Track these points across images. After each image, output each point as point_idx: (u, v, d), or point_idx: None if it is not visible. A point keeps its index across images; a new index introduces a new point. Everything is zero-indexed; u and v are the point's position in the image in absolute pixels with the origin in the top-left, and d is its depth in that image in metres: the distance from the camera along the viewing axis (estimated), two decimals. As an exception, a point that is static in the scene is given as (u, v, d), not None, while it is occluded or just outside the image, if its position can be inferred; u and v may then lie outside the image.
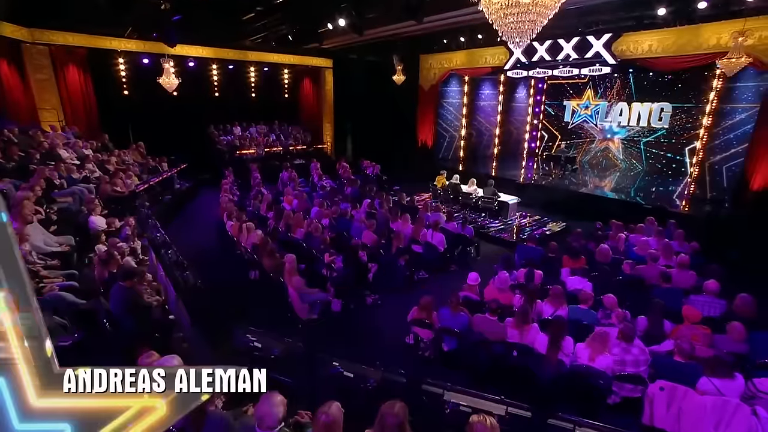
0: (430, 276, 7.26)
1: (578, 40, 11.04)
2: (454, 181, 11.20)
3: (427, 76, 15.64)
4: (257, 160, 14.30)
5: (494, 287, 5.30)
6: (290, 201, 9.49)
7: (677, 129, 13.38)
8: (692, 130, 13.03)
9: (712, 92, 12.20)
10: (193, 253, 8.06)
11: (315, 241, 6.94)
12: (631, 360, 3.92)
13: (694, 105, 12.94)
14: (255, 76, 16.06)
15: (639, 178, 13.41)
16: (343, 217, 8.19)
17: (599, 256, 6.19)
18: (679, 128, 13.35)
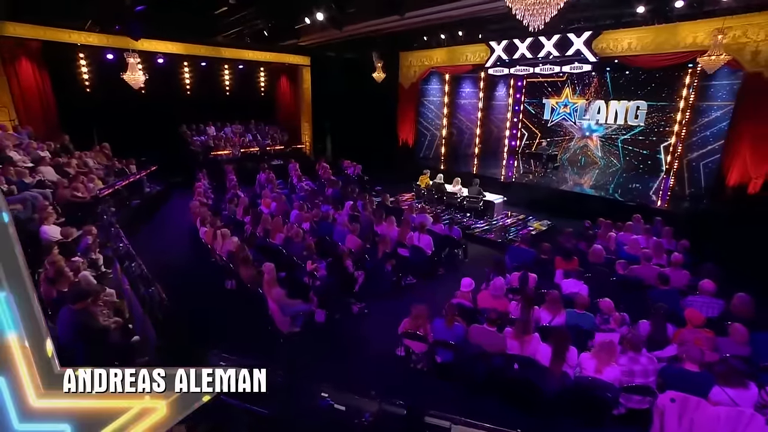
0: (417, 281, 6.90)
1: (559, 37, 10.92)
2: (438, 181, 10.89)
3: (407, 74, 15.30)
4: (233, 161, 13.63)
5: (489, 294, 4.98)
6: (268, 204, 8.96)
7: (653, 127, 13.54)
8: (666, 128, 13.23)
9: (685, 89, 12.42)
10: (164, 263, 7.47)
11: (296, 247, 6.47)
12: (640, 370, 3.66)
13: (668, 103, 13.14)
14: (229, 74, 15.37)
15: (617, 175, 13.47)
16: (324, 220, 7.75)
17: (592, 256, 5.97)
18: (654, 126, 13.51)
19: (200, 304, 6.14)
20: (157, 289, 4.65)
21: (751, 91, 8.82)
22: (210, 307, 6.03)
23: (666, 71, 12.50)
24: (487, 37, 12.33)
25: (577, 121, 15.25)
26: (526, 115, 16.92)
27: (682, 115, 12.59)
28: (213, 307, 6.04)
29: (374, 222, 7.87)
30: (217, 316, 5.87)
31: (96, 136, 11.09)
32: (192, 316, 5.86)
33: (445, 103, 15.88)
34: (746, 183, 9.10)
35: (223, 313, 5.94)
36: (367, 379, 5.01)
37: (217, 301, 6.26)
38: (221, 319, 5.82)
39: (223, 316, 5.88)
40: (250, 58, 14.79)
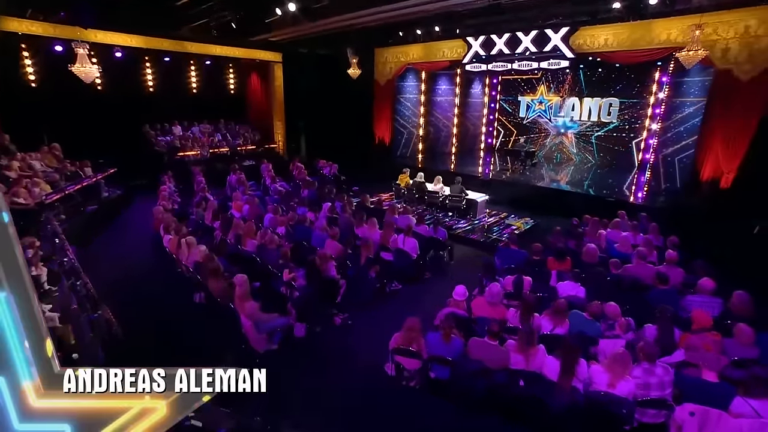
0: (403, 287, 6.44)
1: (537, 33, 10.71)
2: (419, 180, 10.47)
3: (382, 71, 14.81)
4: (201, 162, 12.78)
5: (484, 301, 4.57)
6: (240, 207, 8.29)
7: (625, 123, 13.64)
8: (638, 124, 13.35)
9: (655, 85, 12.56)
10: (123, 275, 6.72)
11: (271, 255, 5.88)
12: (656, 382, 3.33)
13: (639, 100, 13.26)
14: (196, 71, 14.43)
15: (592, 171, 13.48)
16: (301, 224, 7.17)
17: (586, 256, 5.68)
18: (626, 122, 13.61)
19: (164, 321, 5.46)
20: (104, 313, 3.96)
21: (721, 87, 8.86)
22: (175, 325, 5.36)
23: (637, 69, 12.59)
24: (464, 33, 12.01)
25: (552, 118, 15.21)
26: (502, 113, 16.78)
27: (652, 112, 12.76)
28: (179, 324, 5.37)
29: (354, 224, 7.36)
30: (184, 335, 5.21)
31: (45, 135, 10.00)
32: (154, 334, 5.20)
33: (421, 100, 15.49)
34: (719, 178, 9.16)
35: (190, 330, 5.29)
36: (354, 398, 4.52)
37: (184, 317, 5.59)
38: (188, 337, 5.16)
39: (191, 334, 5.22)
40: (217, 54, 13.91)
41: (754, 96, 8.47)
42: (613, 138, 13.93)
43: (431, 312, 5.33)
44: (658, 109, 12.73)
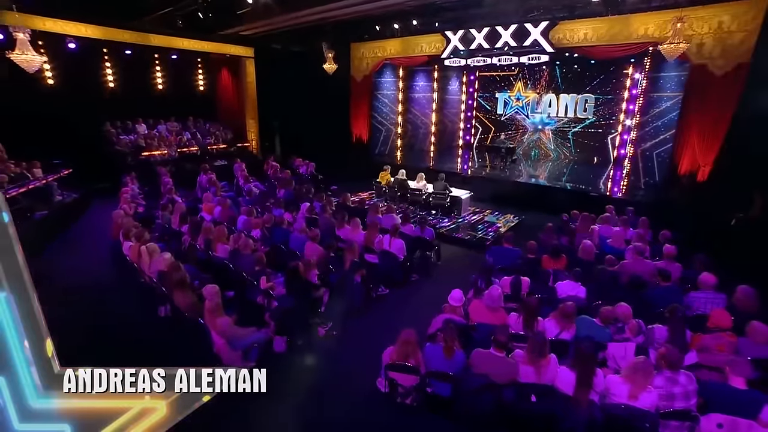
0: (390, 291, 5.97)
1: (516, 27, 10.47)
2: (401, 177, 10.02)
3: (359, 67, 14.30)
4: (168, 162, 11.89)
5: (483, 305, 4.15)
6: (211, 210, 7.60)
7: (601, 119, 13.66)
8: (613, 119, 13.39)
9: (629, 80, 12.60)
10: (78, 287, 5.96)
11: (245, 260, 5.28)
12: (680, 392, 2.99)
13: (613, 96, 13.29)
14: (161, 65, 13.47)
15: (570, 167, 13.43)
16: (278, 226, 6.58)
17: (582, 253, 5.38)
18: (602, 118, 13.62)
19: (125, 340, 4.78)
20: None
21: (697, 82, 8.88)
22: (138, 344, 4.70)
23: (612, 64, 12.60)
24: (442, 27, 11.65)
25: (530, 114, 15.10)
26: (479, 110, 16.55)
27: (627, 107, 12.80)
28: (142, 343, 4.71)
29: (336, 225, 6.84)
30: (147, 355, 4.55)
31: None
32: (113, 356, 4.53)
33: (399, 97, 15.07)
34: (696, 171, 9.18)
35: (154, 350, 4.64)
36: (343, 418, 4.03)
37: (148, 334, 4.92)
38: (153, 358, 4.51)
39: (155, 354, 4.57)
40: (185, 48, 13.03)
41: (727, 91, 8.51)
42: (590, 134, 13.92)
43: (422, 318, 4.91)
44: (632, 105, 12.80)
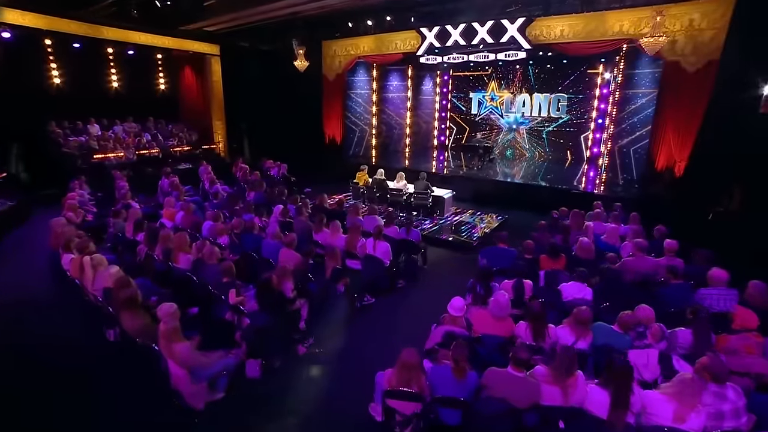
0: (376, 300, 5.37)
1: (493, 24, 10.16)
2: (380, 177, 9.44)
3: (331, 65, 13.64)
4: (126, 166, 10.78)
5: (488, 314, 3.63)
6: (172, 216, 6.75)
7: (574, 118, 13.67)
8: (586, 118, 13.42)
9: (599, 78, 12.68)
10: (11, 307, 5.01)
11: (210, 272, 4.54)
12: (730, 410, 2.56)
13: (585, 96, 13.33)
14: (116, 61, 12.30)
15: (545, 166, 13.34)
16: (248, 232, 5.83)
17: (581, 251, 4.98)
18: (575, 117, 13.64)
19: (66, 369, 3.96)
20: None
21: (670, 78, 8.85)
22: (80, 376, 3.88)
23: (584, 63, 12.62)
24: (417, 24, 11.21)
25: (504, 114, 14.95)
26: (454, 110, 16.29)
27: (598, 105, 12.89)
28: (85, 375, 3.89)
29: (313, 229, 6.17)
30: (93, 388, 3.75)
31: None
32: (50, 388, 3.71)
33: (373, 97, 14.52)
34: (672, 166, 9.15)
35: (101, 381, 3.83)
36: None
37: (92, 361, 4.10)
38: (98, 392, 3.71)
39: (102, 387, 3.77)
40: (142, 43, 11.95)
41: (699, 87, 8.53)
42: (564, 133, 13.91)
43: (414, 329, 4.37)
44: (604, 104, 12.88)
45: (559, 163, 13.62)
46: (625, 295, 4.21)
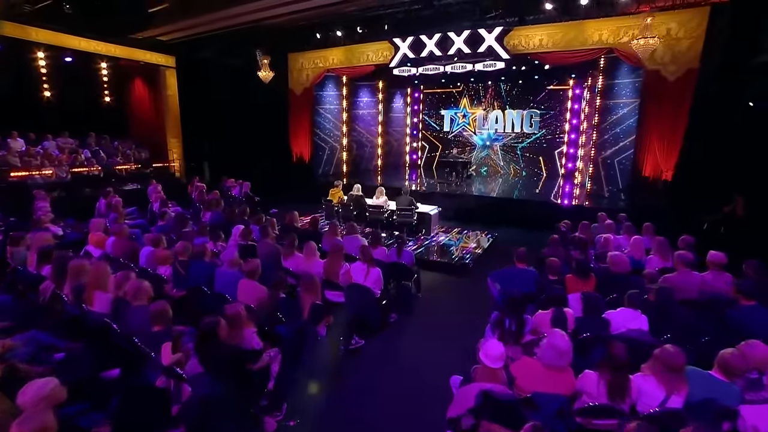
0: (365, 340, 4.14)
1: (469, 33, 9.58)
2: (356, 193, 8.30)
3: (298, 79, 12.60)
4: (56, 185, 9.03)
5: (539, 365, 2.52)
6: (101, 242, 5.24)
7: (547, 133, 13.34)
8: (559, 133, 13.12)
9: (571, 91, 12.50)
10: None
11: (136, 316, 3.15)
12: None
13: (557, 111, 13.08)
14: (49, 68, 10.59)
15: (521, 181, 12.80)
16: (198, 258, 4.46)
17: (614, 266, 4.03)
18: (548, 132, 13.32)
19: None
20: None
21: (652, 87, 8.57)
22: None
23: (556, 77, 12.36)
24: (390, 34, 10.46)
25: (477, 131, 14.42)
26: (426, 128, 15.62)
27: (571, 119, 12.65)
28: None
29: (282, 254, 4.90)
30: None
31: None
32: None
33: (344, 114, 13.54)
34: (659, 176, 8.75)
35: None
36: None
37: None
38: None
39: None
40: (83, 49, 10.41)
41: (681, 96, 8.31)
42: (539, 148, 13.51)
43: (418, 378, 3.22)
44: (576, 120, 12.64)
45: (535, 179, 13.15)
46: (685, 323, 3.27)
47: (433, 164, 14.90)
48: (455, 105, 14.70)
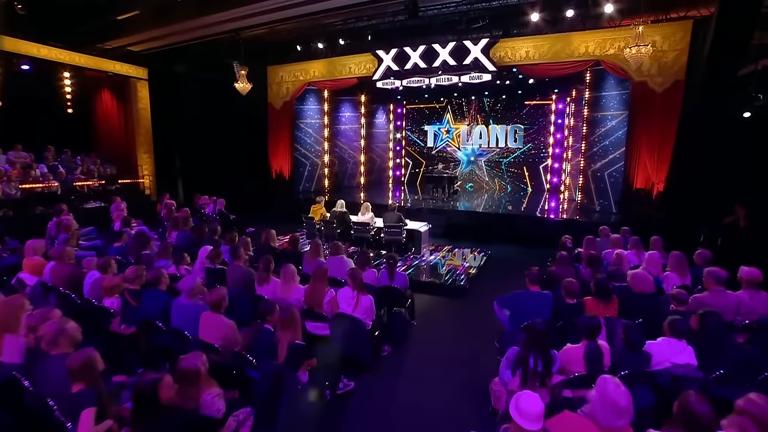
0: (356, 382, 3.43)
1: (455, 45, 9.27)
2: (340, 209, 7.64)
3: (278, 92, 12.02)
4: (3, 203, 8.02)
5: (589, 423, 1.89)
6: (37, 268, 4.37)
7: (532, 148, 13.15)
8: (543, 148, 12.96)
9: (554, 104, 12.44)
10: None
11: (54, 370, 2.36)
12: None
13: (542, 125, 12.94)
14: (2, 76, 9.60)
15: (507, 197, 12.47)
16: (153, 287, 3.67)
17: (638, 285, 3.50)
18: (533, 147, 13.13)
19: None
20: None
21: (640, 99, 8.45)
22: None
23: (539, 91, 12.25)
24: (373, 46, 10.07)
25: (461, 146, 14.10)
26: (409, 144, 15.22)
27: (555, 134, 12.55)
28: None
29: (256, 279, 4.16)
30: None
31: None
32: None
33: (325, 131, 12.98)
34: (651, 188, 8.53)
35: None
36: None
37: None
38: None
39: None
40: (42, 57, 9.54)
41: (669, 107, 8.20)
42: (523, 162, 13.27)
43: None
44: (560, 134, 12.50)
45: (521, 194, 12.85)
46: (732, 353, 2.74)
47: (417, 180, 14.44)
48: (439, 120, 14.40)
